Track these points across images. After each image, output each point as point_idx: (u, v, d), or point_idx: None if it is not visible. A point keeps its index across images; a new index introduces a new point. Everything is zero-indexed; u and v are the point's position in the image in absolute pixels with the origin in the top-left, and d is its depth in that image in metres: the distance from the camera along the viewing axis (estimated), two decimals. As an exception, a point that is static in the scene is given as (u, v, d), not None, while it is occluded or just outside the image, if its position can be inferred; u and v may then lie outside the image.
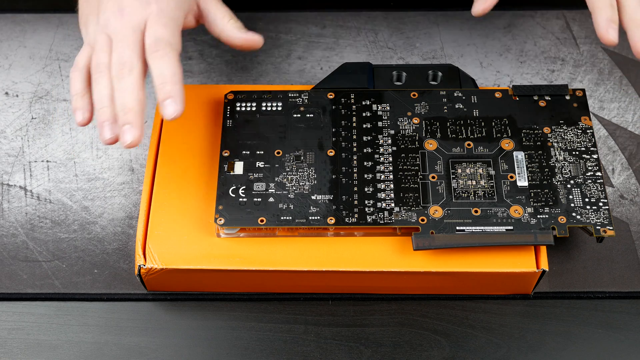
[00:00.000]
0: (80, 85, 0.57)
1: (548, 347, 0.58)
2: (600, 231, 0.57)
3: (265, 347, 0.58)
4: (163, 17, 0.57)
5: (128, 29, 0.57)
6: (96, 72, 0.56)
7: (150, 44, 0.56)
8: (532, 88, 0.63)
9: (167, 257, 0.57)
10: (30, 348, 0.58)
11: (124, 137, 0.54)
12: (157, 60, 0.56)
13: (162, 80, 0.55)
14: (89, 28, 0.59)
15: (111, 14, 0.57)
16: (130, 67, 0.55)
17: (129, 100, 0.54)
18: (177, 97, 0.54)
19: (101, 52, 0.57)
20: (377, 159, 0.60)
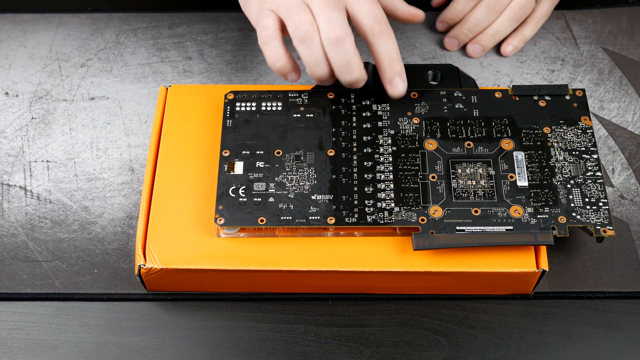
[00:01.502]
0: (281, 49, 0.59)
1: (548, 347, 0.58)
2: (600, 231, 0.57)
3: (265, 347, 0.58)
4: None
5: (331, 1, 0.58)
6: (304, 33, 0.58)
7: (371, 23, 0.58)
8: (532, 88, 0.63)
9: (167, 257, 0.57)
10: (30, 348, 0.58)
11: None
12: (383, 41, 0.59)
13: (391, 59, 0.59)
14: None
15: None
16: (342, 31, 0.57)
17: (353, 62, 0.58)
18: (404, 75, 0.60)
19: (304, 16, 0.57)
20: (377, 159, 0.60)
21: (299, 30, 0.58)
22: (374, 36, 0.59)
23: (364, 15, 0.58)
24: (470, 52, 0.71)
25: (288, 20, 0.58)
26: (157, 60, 0.72)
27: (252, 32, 0.74)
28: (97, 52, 0.73)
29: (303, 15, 0.58)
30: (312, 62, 0.58)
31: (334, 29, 0.57)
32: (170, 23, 0.75)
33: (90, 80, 0.71)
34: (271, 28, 0.59)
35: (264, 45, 0.59)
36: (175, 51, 0.73)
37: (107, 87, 0.70)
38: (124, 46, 0.73)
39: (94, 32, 0.74)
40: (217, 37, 0.74)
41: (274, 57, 0.59)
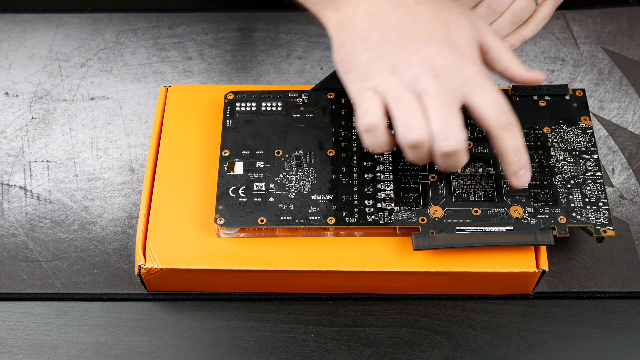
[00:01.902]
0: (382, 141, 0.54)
1: (548, 347, 0.58)
2: (600, 231, 0.57)
3: (265, 347, 0.58)
4: (488, 80, 0.53)
5: (449, 94, 0.52)
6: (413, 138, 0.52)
7: (497, 116, 0.53)
8: (532, 88, 0.63)
9: (167, 257, 0.57)
10: (30, 348, 0.58)
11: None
12: (510, 134, 0.53)
13: (517, 153, 0.54)
14: (379, 77, 0.53)
15: (420, 71, 0.52)
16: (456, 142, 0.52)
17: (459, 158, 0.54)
18: (529, 165, 0.55)
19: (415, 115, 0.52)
20: (377, 159, 0.60)
21: (409, 137, 0.52)
22: (500, 129, 0.53)
23: (487, 108, 0.53)
24: None
25: (397, 117, 0.52)
26: (157, 60, 0.72)
27: (252, 32, 0.74)
28: (97, 52, 0.73)
29: (415, 117, 0.52)
30: (415, 162, 0.54)
31: (449, 140, 0.52)
32: (170, 23, 0.75)
33: (90, 80, 0.71)
34: (375, 115, 0.53)
35: (365, 133, 0.53)
36: (175, 51, 0.73)
37: (107, 87, 0.70)
38: (124, 46, 0.73)
39: (94, 32, 0.74)
40: (217, 37, 0.74)
41: (376, 146, 0.54)
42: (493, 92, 0.53)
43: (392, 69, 0.53)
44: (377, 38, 0.54)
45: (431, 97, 0.52)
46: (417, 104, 0.52)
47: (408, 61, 0.53)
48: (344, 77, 0.56)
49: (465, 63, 0.53)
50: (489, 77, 0.54)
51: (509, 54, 0.57)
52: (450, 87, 0.52)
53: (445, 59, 0.53)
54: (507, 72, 0.57)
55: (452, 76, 0.53)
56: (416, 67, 0.53)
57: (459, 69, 0.53)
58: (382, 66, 0.53)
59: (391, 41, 0.54)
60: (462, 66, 0.53)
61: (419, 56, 0.53)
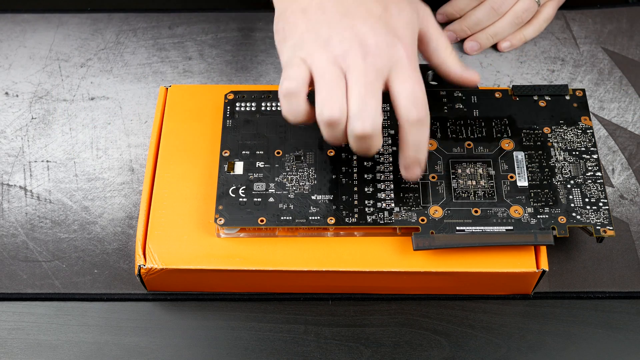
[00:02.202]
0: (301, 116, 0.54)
1: (548, 347, 0.58)
2: (600, 231, 0.57)
3: (265, 347, 0.58)
4: (414, 69, 0.53)
5: (372, 73, 0.52)
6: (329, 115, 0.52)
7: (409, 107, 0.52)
8: (532, 88, 0.63)
9: (167, 257, 0.57)
10: (30, 348, 0.58)
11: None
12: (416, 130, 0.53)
13: (417, 150, 0.54)
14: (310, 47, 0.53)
15: (350, 46, 0.52)
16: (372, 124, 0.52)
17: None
18: (424, 162, 0.55)
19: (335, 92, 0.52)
20: (377, 159, 0.60)
21: (325, 113, 0.52)
22: (408, 123, 0.53)
23: (403, 97, 0.52)
24: (467, 48, 0.71)
25: (318, 90, 0.52)
26: (157, 60, 0.72)
27: (252, 32, 0.74)
28: (97, 52, 0.73)
29: (335, 93, 0.52)
30: (331, 141, 0.54)
31: (364, 121, 0.51)
32: (170, 23, 0.75)
33: (90, 80, 0.71)
34: (296, 82, 0.53)
35: (283, 98, 0.53)
36: (175, 51, 0.73)
37: (107, 87, 0.70)
38: (124, 46, 0.73)
39: (94, 32, 0.74)
40: (217, 37, 0.74)
41: (292, 114, 0.54)
42: (414, 81, 0.53)
43: (324, 42, 0.53)
44: (316, 10, 0.54)
45: (355, 74, 0.52)
46: (340, 81, 0.52)
47: (340, 35, 0.53)
48: (279, 46, 0.56)
49: (396, 46, 0.53)
50: (416, 67, 0.53)
51: (448, 48, 0.57)
52: (377, 67, 0.52)
53: (377, 38, 0.52)
54: (442, 66, 0.57)
55: (380, 57, 0.52)
56: (347, 42, 0.52)
57: (389, 51, 0.52)
58: (315, 38, 0.53)
59: (328, 14, 0.54)
60: (393, 49, 0.52)
61: (352, 32, 0.53)
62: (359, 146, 0.53)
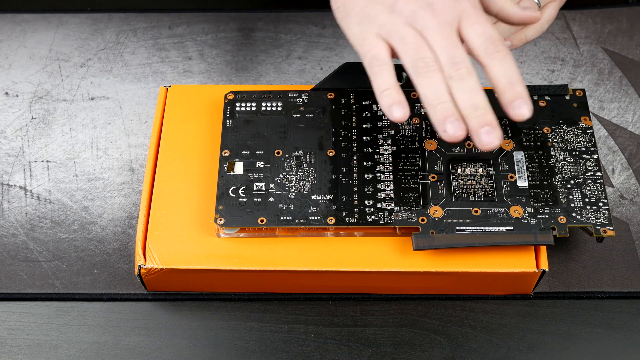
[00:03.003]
0: (392, 79, 0.54)
1: (548, 347, 0.58)
2: (600, 231, 0.57)
3: (265, 347, 0.58)
4: (480, 13, 0.54)
5: (446, 27, 0.54)
6: (424, 66, 0.53)
7: (485, 44, 0.53)
8: (532, 88, 0.63)
9: (167, 257, 0.57)
10: (30, 348, 0.58)
11: (484, 139, 0.52)
12: (501, 61, 0.53)
13: (510, 81, 0.53)
14: (379, 19, 0.54)
15: (418, 7, 0.54)
16: (467, 67, 0.53)
17: (480, 100, 0.52)
18: (527, 97, 0.53)
19: (421, 47, 0.53)
20: (377, 159, 0.60)
21: (419, 64, 0.53)
22: (489, 57, 0.53)
23: (477, 37, 0.54)
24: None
25: (403, 52, 0.54)
26: (157, 60, 0.72)
27: (252, 32, 0.74)
28: (97, 52, 0.73)
29: (421, 47, 0.53)
30: (434, 97, 0.53)
31: (459, 65, 0.53)
32: (170, 23, 0.75)
33: (90, 80, 0.71)
34: (383, 58, 0.54)
35: (375, 75, 0.54)
36: (175, 51, 0.73)
37: (107, 87, 0.70)
38: (124, 46, 0.73)
39: (94, 32, 0.74)
40: (217, 37, 0.74)
41: (383, 87, 0.54)
42: (484, 23, 0.54)
43: (390, 8, 0.54)
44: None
45: (431, 31, 0.53)
46: (422, 39, 0.53)
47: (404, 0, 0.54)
48: (342, 23, 0.57)
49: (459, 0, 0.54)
50: (481, 11, 0.55)
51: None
52: (447, 21, 0.54)
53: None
54: (501, 13, 0.58)
55: (447, 9, 0.54)
56: (413, 4, 0.54)
57: (453, 3, 0.54)
58: (380, 7, 0.54)
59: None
60: (456, 1, 0.54)
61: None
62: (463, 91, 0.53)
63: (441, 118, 0.52)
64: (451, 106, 0.52)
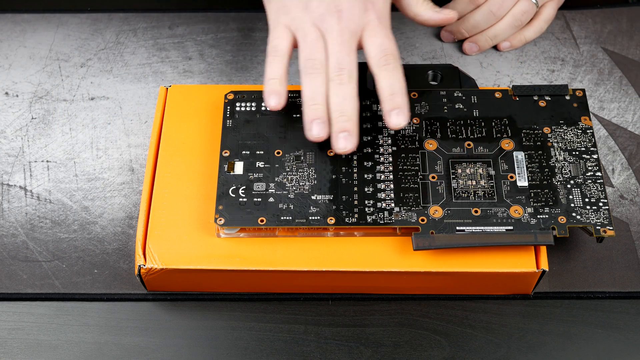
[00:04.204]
0: (281, 71, 0.59)
1: (548, 347, 0.58)
2: (600, 231, 0.57)
3: (265, 347, 0.58)
4: (383, 27, 0.59)
5: (347, 33, 0.58)
6: (311, 67, 0.58)
7: (378, 55, 0.58)
8: (532, 88, 0.63)
9: (167, 257, 0.57)
10: (30, 348, 0.58)
11: (340, 144, 0.57)
12: (388, 73, 0.58)
13: (392, 92, 0.57)
14: (293, 12, 0.59)
15: (326, 10, 0.58)
16: (349, 74, 0.57)
17: (348, 107, 0.57)
18: (405, 108, 0.57)
19: (316, 49, 0.58)
20: (377, 159, 0.60)
21: (307, 64, 0.58)
22: (379, 68, 0.58)
23: (372, 47, 0.58)
24: (467, 49, 0.72)
25: (302, 48, 0.59)
26: (157, 60, 0.72)
27: (252, 32, 0.74)
28: (97, 52, 0.73)
29: (316, 48, 0.58)
30: (310, 97, 0.57)
31: (341, 72, 0.57)
32: (170, 23, 0.75)
33: (90, 80, 0.71)
34: (282, 50, 0.59)
35: (269, 63, 0.59)
36: (175, 51, 0.73)
37: (107, 87, 0.70)
38: (124, 46, 0.73)
39: (94, 32, 0.74)
40: (217, 37, 0.74)
41: (270, 75, 0.59)
42: (384, 36, 0.58)
43: (304, 5, 0.59)
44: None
45: (332, 36, 0.58)
46: (321, 41, 0.58)
47: (318, 1, 0.59)
48: (266, 5, 0.62)
49: (368, 10, 0.59)
50: (387, 26, 0.59)
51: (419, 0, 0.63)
52: (350, 29, 0.58)
53: (350, 3, 0.58)
54: (417, 18, 0.63)
55: (353, 18, 0.58)
56: (324, 6, 0.59)
57: (361, 14, 0.59)
58: (297, 3, 0.59)
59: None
60: (364, 12, 0.59)
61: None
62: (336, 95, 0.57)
63: (310, 118, 0.57)
64: (322, 109, 0.57)
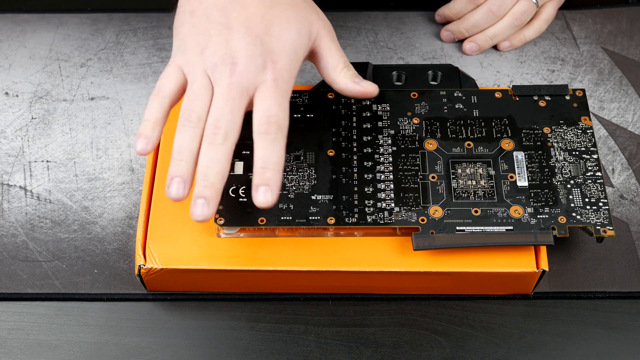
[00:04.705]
0: (158, 114, 0.54)
1: (548, 347, 0.58)
2: (600, 231, 0.57)
3: (265, 347, 0.58)
4: (277, 90, 0.54)
5: (236, 90, 0.53)
6: (186, 119, 0.53)
7: (261, 121, 0.53)
8: (532, 88, 0.63)
9: (167, 257, 0.57)
10: (30, 348, 0.58)
11: (195, 210, 0.52)
12: (266, 143, 0.53)
13: (264, 165, 0.52)
14: (188, 54, 0.55)
15: (221, 61, 0.54)
16: (225, 135, 0.52)
17: (213, 173, 0.52)
18: (274, 186, 0.52)
19: (198, 100, 0.53)
20: (377, 159, 0.60)
21: (185, 115, 0.53)
22: (258, 135, 0.53)
23: (258, 111, 0.53)
24: (467, 49, 0.72)
25: (186, 95, 0.54)
26: (157, 60, 0.72)
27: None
28: (97, 52, 0.73)
29: (198, 99, 0.53)
30: (177, 152, 0.53)
31: (217, 130, 0.52)
32: (170, 23, 0.74)
33: (90, 80, 0.71)
34: (165, 91, 0.55)
35: (150, 102, 0.55)
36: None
37: (107, 87, 0.70)
38: (124, 46, 0.73)
39: (94, 32, 0.74)
40: (217, 37, 0.74)
41: (146, 116, 0.54)
42: (272, 101, 0.53)
43: (201, 50, 0.54)
44: (201, 15, 0.55)
45: (219, 89, 0.53)
46: (207, 92, 0.53)
47: (215, 48, 0.54)
48: (173, 37, 0.57)
49: (265, 69, 0.54)
50: (281, 89, 0.54)
51: (338, 66, 0.58)
52: (242, 86, 0.53)
53: (248, 57, 0.54)
54: (334, 85, 0.58)
55: (247, 76, 0.53)
56: (219, 56, 0.54)
57: (257, 72, 0.54)
58: (194, 45, 0.55)
59: (211, 23, 0.55)
60: (261, 71, 0.54)
61: (226, 47, 0.54)
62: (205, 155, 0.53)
63: (170, 175, 0.52)
64: (186, 167, 0.52)
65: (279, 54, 0.55)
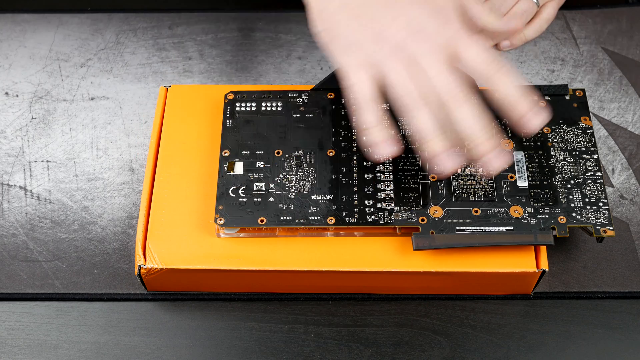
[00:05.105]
0: (374, 117, 0.53)
1: (548, 347, 0.58)
2: (600, 231, 0.57)
3: (265, 347, 0.58)
4: (468, 35, 0.53)
5: (437, 53, 0.52)
6: (411, 104, 0.52)
7: (484, 66, 0.52)
8: (532, 88, 0.63)
9: (167, 257, 0.57)
10: (30, 348, 0.58)
11: (495, 163, 0.52)
12: (502, 79, 0.52)
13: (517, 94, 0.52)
14: (365, 47, 0.52)
15: (406, 32, 0.52)
16: (462, 94, 0.51)
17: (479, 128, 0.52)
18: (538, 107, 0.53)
19: (406, 83, 0.52)
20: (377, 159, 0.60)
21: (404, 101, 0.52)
22: (492, 77, 0.52)
23: (474, 59, 0.52)
24: None
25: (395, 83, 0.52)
26: (157, 60, 0.72)
27: (252, 32, 0.74)
28: (97, 52, 0.73)
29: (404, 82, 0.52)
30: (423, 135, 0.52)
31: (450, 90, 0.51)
32: (170, 23, 0.75)
33: (90, 80, 0.71)
34: (366, 94, 0.53)
35: (359, 111, 0.53)
36: (175, 51, 0.73)
37: (107, 87, 0.70)
38: (124, 46, 0.73)
39: (94, 32, 0.74)
40: (217, 37, 0.74)
41: (365, 125, 0.53)
42: (477, 45, 0.53)
43: (377, 36, 0.52)
44: (357, 3, 0.53)
45: (426, 57, 0.52)
46: (405, 71, 0.52)
47: (392, 26, 0.52)
48: (328, 47, 0.54)
49: (445, 22, 0.53)
50: (469, 34, 0.53)
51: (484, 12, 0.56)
52: (439, 45, 0.52)
53: (427, 19, 0.52)
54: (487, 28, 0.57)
55: (436, 35, 0.52)
56: (403, 30, 0.52)
57: (441, 28, 0.53)
58: (368, 33, 0.53)
59: (371, 6, 0.53)
60: (444, 25, 0.53)
61: (402, 20, 0.52)
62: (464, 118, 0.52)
63: (437, 152, 0.52)
64: (440, 142, 0.52)
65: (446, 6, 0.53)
